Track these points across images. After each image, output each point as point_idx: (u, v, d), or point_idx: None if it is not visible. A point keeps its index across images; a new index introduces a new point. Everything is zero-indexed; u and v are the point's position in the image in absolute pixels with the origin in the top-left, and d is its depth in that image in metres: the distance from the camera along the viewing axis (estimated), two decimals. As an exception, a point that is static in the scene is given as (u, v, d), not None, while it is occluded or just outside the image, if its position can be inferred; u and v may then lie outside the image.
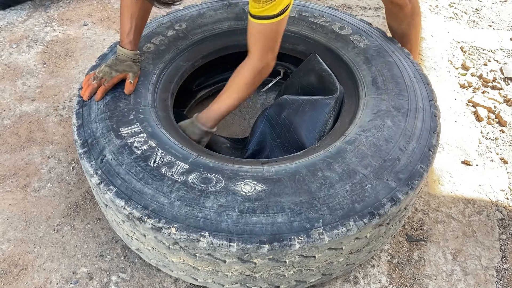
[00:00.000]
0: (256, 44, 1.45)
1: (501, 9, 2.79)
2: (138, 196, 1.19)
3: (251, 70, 1.48)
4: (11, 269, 1.50)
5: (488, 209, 1.72)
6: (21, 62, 2.26)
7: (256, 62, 1.47)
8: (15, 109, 2.02)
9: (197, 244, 1.12)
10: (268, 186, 1.20)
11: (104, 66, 1.49)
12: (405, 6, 1.80)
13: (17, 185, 1.73)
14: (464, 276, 1.52)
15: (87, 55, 2.30)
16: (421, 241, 1.61)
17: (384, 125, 1.38)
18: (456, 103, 2.14)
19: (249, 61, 1.48)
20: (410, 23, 1.88)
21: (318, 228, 1.14)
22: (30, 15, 2.55)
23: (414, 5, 1.83)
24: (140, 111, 1.43)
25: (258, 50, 1.45)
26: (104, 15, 2.57)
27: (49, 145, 1.88)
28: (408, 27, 1.89)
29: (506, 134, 2.01)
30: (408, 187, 1.26)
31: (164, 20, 1.80)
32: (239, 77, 1.50)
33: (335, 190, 1.21)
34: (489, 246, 1.61)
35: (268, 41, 1.44)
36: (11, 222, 1.62)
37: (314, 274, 1.28)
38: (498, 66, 2.33)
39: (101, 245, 1.56)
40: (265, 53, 1.46)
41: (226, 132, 1.93)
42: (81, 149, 1.34)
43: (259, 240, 1.11)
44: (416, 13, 1.86)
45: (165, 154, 1.28)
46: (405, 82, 1.52)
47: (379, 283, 1.49)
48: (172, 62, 1.66)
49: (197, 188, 1.19)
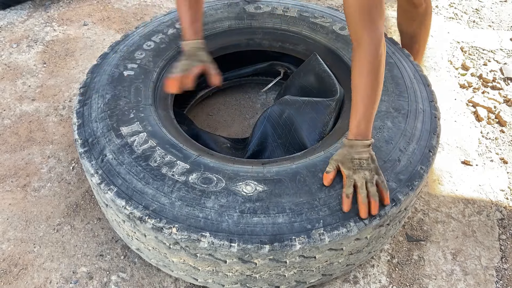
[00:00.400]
0: (362, 21, 1.18)
1: (501, 9, 2.79)
2: (139, 196, 1.19)
3: (372, 55, 1.21)
4: (11, 269, 1.50)
5: (488, 209, 1.72)
6: (21, 62, 2.25)
7: (373, 40, 1.20)
8: (15, 108, 2.02)
9: (198, 244, 1.12)
10: (269, 186, 1.20)
11: (181, 64, 1.48)
12: (419, 5, 1.80)
13: (17, 185, 1.73)
14: (464, 276, 1.52)
15: (87, 55, 2.30)
16: (421, 241, 1.61)
17: (384, 126, 1.38)
18: (456, 103, 2.14)
19: (363, 45, 1.21)
20: (421, 23, 1.88)
21: (319, 229, 1.14)
22: (30, 15, 2.55)
23: (428, 6, 1.83)
24: (141, 109, 1.43)
25: (367, 27, 1.19)
26: (104, 15, 2.57)
27: (49, 145, 1.88)
28: (419, 28, 1.89)
29: (506, 134, 2.01)
30: (409, 188, 1.26)
31: (165, 18, 1.80)
32: (359, 76, 1.24)
33: (336, 191, 1.21)
34: (489, 246, 1.61)
35: (376, 7, 1.18)
36: (11, 222, 1.62)
37: (314, 275, 1.28)
38: (498, 66, 2.34)
39: (101, 244, 1.56)
40: (378, 22, 1.19)
41: (226, 132, 1.93)
42: (81, 149, 1.34)
43: (260, 241, 1.11)
44: (428, 13, 1.87)
45: (165, 154, 1.28)
46: (405, 83, 1.52)
47: (379, 283, 1.49)
48: (173, 60, 1.66)
49: (198, 188, 1.19)
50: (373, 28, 1.19)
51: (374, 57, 1.21)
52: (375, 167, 1.23)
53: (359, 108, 1.24)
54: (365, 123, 1.25)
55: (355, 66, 1.25)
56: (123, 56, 1.61)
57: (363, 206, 1.17)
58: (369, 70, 1.22)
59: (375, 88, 1.24)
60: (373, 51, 1.20)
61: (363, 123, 1.24)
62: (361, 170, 1.20)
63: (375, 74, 1.23)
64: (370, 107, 1.24)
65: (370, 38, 1.19)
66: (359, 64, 1.23)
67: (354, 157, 1.22)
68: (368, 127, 1.26)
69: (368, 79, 1.23)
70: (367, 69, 1.22)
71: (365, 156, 1.23)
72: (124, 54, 1.62)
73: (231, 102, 2.07)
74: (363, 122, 1.24)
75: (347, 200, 1.18)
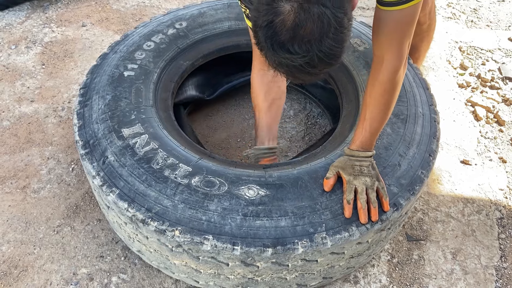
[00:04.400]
0: (392, 39, 1.16)
1: (499, 9, 2.80)
2: (141, 198, 1.19)
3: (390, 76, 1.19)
4: (11, 271, 1.49)
5: (487, 208, 1.73)
6: (19, 63, 2.25)
7: (395, 62, 1.18)
8: (14, 110, 2.01)
9: (201, 247, 1.12)
10: (271, 191, 1.21)
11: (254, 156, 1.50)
12: (423, 23, 1.80)
13: (17, 187, 1.73)
14: (464, 275, 1.53)
15: (86, 56, 2.30)
16: (420, 240, 1.62)
17: (384, 132, 1.38)
18: (454, 102, 2.15)
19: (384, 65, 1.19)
20: (423, 38, 1.89)
21: (321, 233, 1.15)
22: (29, 16, 2.54)
23: (431, 23, 1.83)
24: (142, 111, 1.43)
25: (396, 45, 1.16)
26: (103, 16, 2.56)
27: (49, 146, 1.87)
28: (421, 41, 1.90)
29: (505, 134, 2.02)
30: (410, 192, 1.26)
31: (164, 19, 1.79)
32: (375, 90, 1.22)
33: (337, 195, 1.21)
34: (489, 245, 1.61)
35: (408, 29, 1.15)
36: (11, 224, 1.61)
37: (315, 278, 1.29)
38: (496, 66, 2.34)
39: (101, 246, 1.56)
40: (404, 46, 1.17)
41: (226, 132, 1.93)
42: (82, 150, 1.33)
43: (263, 244, 1.12)
44: (431, 29, 1.87)
45: (168, 156, 1.28)
46: (405, 87, 1.52)
47: (379, 282, 1.50)
48: (173, 61, 1.66)
49: (200, 191, 1.19)
50: (398, 50, 1.17)
51: (393, 77, 1.19)
52: (375, 174, 1.23)
53: (367, 124, 1.24)
54: (370, 138, 1.25)
55: (371, 82, 1.23)
56: (123, 57, 1.60)
57: (362, 212, 1.18)
58: (384, 90, 1.21)
59: (387, 108, 1.24)
60: (392, 71, 1.19)
61: (368, 138, 1.25)
62: (361, 176, 1.21)
63: (389, 95, 1.22)
64: (378, 124, 1.24)
65: (393, 59, 1.18)
66: (375, 83, 1.22)
67: (355, 164, 1.23)
68: (372, 142, 1.26)
69: (382, 99, 1.22)
70: (383, 89, 1.21)
71: (365, 163, 1.23)
72: (124, 54, 1.61)
73: (230, 103, 2.07)
74: (368, 137, 1.25)
75: (348, 206, 1.18)
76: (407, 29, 1.15)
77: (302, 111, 2.03)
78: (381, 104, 1.23)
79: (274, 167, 1.34)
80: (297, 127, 1.96)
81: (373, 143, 1.26)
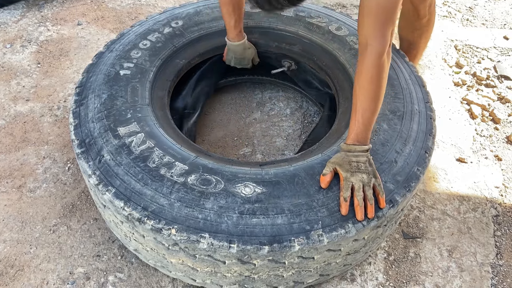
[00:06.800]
0: (375, 23, 1.20)
1: (494, 7, 2.81)
2: (137, 197, 1.19)
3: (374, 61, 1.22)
4: (7, 270, 1.49)
5: (483, 206, 1.73)
6: (15, 62, 2.24)
7: (378, 47, 1.21)
8: (9, 109, 2.01)
9: (197, 245, 1.12)
10: (267, 188, 1.21)
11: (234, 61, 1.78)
12: (424, 16, 1.80)
13: (13, 186, 1.72)
14: (460, 273, 1.54)
15: (81, 54, 2.29)
16: (417, 238, 1.62)
17: (380, 128, 1.38)
18: (450, 101, 2.16)
19: (368, 50, 1.21)
20: (422, 34, 1.88)
21: (318, 230, 1.15)
22: (24, 15, 2.53)
23: (431, 17, 1.83)
24: (138, 109, 1.43)
25: (379, 30, 1.20)
26: (98, 15, 2.55)
27: (44, 145, 1.87)
28: (419, 37, 1.89)
29: (500, 132, 2.03)
30: (406, 189, 1.27)
31: (160, 17, 1.79)
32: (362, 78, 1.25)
33: (333, 192, 1.22)
34: (484, 243, 1.62)
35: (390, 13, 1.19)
36: (7, 223, 1.61)
37: (312, 275, 1.29)
38: (491, 64, 2.35)
39: (97, 245, 1.56)
40: (386, 31, 1.20)
41: (223, 131, 1.93)
42: (78, 149, 1.33)
43: (259, 242, 1.12)
44: (431, 25, 1.86)
45: (164, 155, 1.28)
46: (401, 85, 1.52)
47: (375, 280, 1.50)
48: (169, 59, 1.66)
49: (197, 189, 1.19)
50: (381, 35, 1.20)
51: (377, 63, 1.22)
52: (372, 170, 1.23)
53: (359, 115, 1.25)
54: (364, 129, 1.25)
55: (358, 72, 1.26)
56: (119, 55, 1.60)
57: (359, 209, 1.18)
58: (371, 76, 1.23)
59: (376, 95, 1.25)
60: (376, 56, 1.21)
61: (362, 130, 1.25)
62: (358, 172, 1.21)
63: (376, 81, 1.24)
64: (370, 114, 1.25)
65: (376, 43, 1.21)
66: (362, 70, 1.25)
67: (352, 160, 1.23)
68: (367, 134, 1.26)
69: (369, 86, 1.24)
70: (370, 76, 1.23)
71: (362, 159, 1.24)
72: (120, 53, 1.61)
73: (226, 101, 2.07)
74: (362, 128, 1.25)
75: (344, 203, 1.18)
76: (390, 14, 1.19)
77: (299, 109, 2.03)
78: (370, 92, 1.24)
79: (271, 164, 1.34)
80: (293, 126, 1.96)
81: (368, 135, 1.27)
